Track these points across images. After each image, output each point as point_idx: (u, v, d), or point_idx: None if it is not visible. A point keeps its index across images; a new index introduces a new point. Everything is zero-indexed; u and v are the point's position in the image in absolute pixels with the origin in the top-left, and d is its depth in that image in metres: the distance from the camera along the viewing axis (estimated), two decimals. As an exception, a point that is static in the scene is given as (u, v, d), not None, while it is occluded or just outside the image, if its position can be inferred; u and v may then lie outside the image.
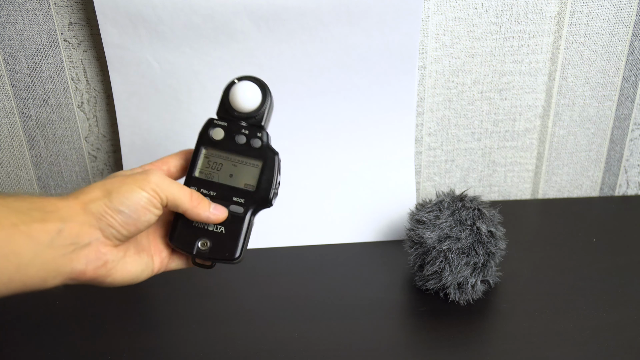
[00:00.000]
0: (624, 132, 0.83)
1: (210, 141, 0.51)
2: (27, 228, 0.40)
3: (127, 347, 0.61)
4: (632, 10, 0.74)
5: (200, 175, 0.50)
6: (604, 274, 0.70)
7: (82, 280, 0.44)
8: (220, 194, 0.50)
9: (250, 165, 0.51)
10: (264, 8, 0.67)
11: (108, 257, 0.45)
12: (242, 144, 0.51)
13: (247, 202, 0.50)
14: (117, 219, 0.44)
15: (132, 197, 0.45)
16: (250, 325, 0.63)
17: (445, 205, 0.65)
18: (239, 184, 0.50)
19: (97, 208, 0.44)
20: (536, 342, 0.60)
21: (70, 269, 0.43)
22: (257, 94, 0.51)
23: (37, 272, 0.41)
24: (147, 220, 0.46)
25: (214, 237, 0.50)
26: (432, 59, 0.76)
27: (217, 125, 0.51)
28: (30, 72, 0.74)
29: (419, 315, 0.65)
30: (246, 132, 0.51)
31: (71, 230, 0.42)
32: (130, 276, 0.47)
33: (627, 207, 0.84)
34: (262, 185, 0.50)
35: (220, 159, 0.51)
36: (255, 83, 0.51)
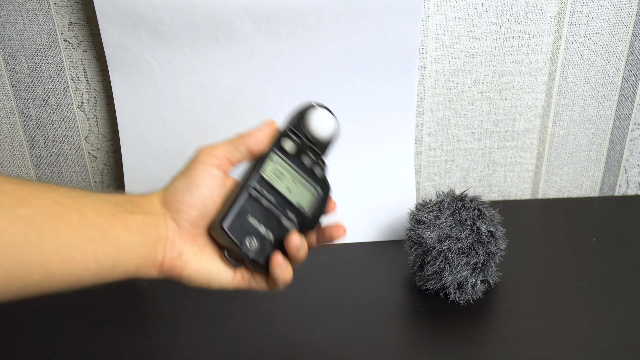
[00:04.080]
0: (624, 132, 0.83)
1: (282, 149, 0.51)
2: (123, 217, 0.45)
3: (127, 347, 0.61)
4: (632, 10, 0.74)
5: (265, 177, 0.50)
6: (604, 274, 0.70)
7: (164, 271, 0.47)
8: (278, 202, 0.50)
9: (309, 189, 0.52)
10: (264, 8, 0.67)
11: (182, 248, 0.47)
12: (307, 167, 0.52)
13: (297, 221, 0.50)
14: (183, 199, 0.47)
15: (189, 172, 0.48)
16: (250, 325, 0.63)
17: (445, 205, 0.65)
18: (294, 200, 0.51)
19: (167, 196, 0.48)
20: (536, 342, 0.60)
21: (154, 258, 0.46)
22: (333, 127, 0.53)
23: (133, 259, 0.45)
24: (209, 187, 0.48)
25: (261, 240, 0.49)
26: (432, 59, 0.76)
27: (291, 137, 0.52)
28: (30, 72, 0.74)
29: (419, 315, 0.65)
30: (312, 156, 0.52)
31: (152, 222, 0.46)
32: (205, 272, 0.49)
33: (627, 207, 0.84)
34: (315, 212, 0.51)
35: (285, 170, 0.51)
36: (334, 117, 0.53)
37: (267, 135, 0.51)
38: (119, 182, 0.82)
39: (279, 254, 0.49)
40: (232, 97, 0.74)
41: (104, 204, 0.45)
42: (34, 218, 0.40)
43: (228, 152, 0.50)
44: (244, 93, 0.73)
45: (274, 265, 0.48)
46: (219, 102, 0.74)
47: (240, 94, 0.73)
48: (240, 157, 0.50)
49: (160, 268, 0.47)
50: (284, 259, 0.49)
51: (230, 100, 0.74)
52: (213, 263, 0.49)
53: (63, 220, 0.41)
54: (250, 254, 0.48)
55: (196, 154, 0.49)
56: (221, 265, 0.50)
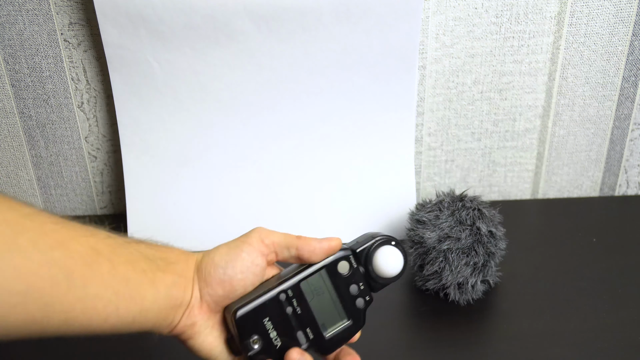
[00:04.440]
0: (624, 132, 0.83)
1: (332, 269, 0.48)
2: (153, 276, 0.43)
3: (127, 347, 0.61)
4: (632, 10, 0.74)
5: (302, 285, 0.47)
6: (604, 274, 0.70)
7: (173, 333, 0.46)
8: (302, 315, 0.47)
9: (341, 315, 0.49)
10: (264, 8, 0.67)
11: (198, 319, 0.46)
12: (351, 295, 0.49)
13: (314, 339, 0.48)
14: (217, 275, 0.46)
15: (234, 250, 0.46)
16: (250, 325, 0.63)
17: (445, 205, 0.65)
18: (320, 321, 0.48)
19: (202, 264, 0.46)
20: (536, 342, 0.60)
21: (172, 320, 0.45)
22: (399, 268, 0.49)
23: (152, 318, 0.44)
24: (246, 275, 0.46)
25: (267, 344, 0.47)
26: (432, 59, 0.76)
27: (350, 262, 0.48)
28: (30, 72, 0.74)
29: (419, 315, 0.65)
30: (361, 287, 0.49)
31: (181, 284, 0.45)
32: (209, 349, 0.47)
33: (627, 207, 0.84)
34: (335, 338, 0.49)
35: (327, 289, 0.48)
36: (405, 259, 0.50)
37: (324, 250, 0.48)
38: (119, 182, 0.82)
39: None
40: (232, 97, 0.73)
41: (137, 257, 0.44)
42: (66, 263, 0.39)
43: (279, 246, 0.48)
44: (244, 93, 0.73)
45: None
46: (219, 102, 0.74)
47: (240, 94, 0.73)
48: (288, 257, 0.48)
49: (172, 330, 0.46)
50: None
51: (230, 100, 0.74)
52: (219, 343, 0.48)
53: (94, 269, 0.40)
54: (249, 351, 0.46)
55: (249, 233, 0.47)
56: (225, 349, 0.48)
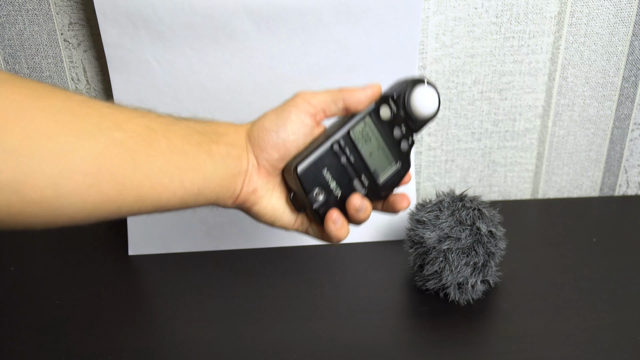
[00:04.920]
0: (624, 132, 0.83)
1: (376, 115, 0.51)
2: (208, 147, 0.46)
3: (127, 347, 0.61)
4: (632, 10, 0.74)
5: (353, 136, 0.50)
6: (604, 274, 0.70)
7: (238, 203, 0.49)
8: (356, 162, 0.50)
9: (390, 160, 0.51)
10: (264, 8, 0.67)
11: (258, 184, 0.49)
12: (395, 139, 0.51)
13: (369, 185, 0.50)
14: (269, 140, 0.48)
15: (282, 114, 0.48)
16: (250, 325, 0.63)
17: (445, 205, 0.65)
18: (372, 166, 0.51)
19: (254, 132, 0.48)
20: (536, 342, 0.60)
21: (234, 189, 0.47)
22: (435, 107, 0.52)
23: (215, 188, 0.46)
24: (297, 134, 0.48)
25: (328, 194, 0.49)
26: (432, 59, 0.76)
27: (389, 106, 0.51)
28: (30, 72, 0.74)
29: (419, 315, 0.65)
30: (404, 129, 0.51)
31: (235, 154, 0.47)
32: (272, 211, 0.50)
33: (627, 207, 0.84)
34: (388, 183, 0.51)
35: (373, 135, 0.50)
36: (439, 97, 0.52)
37: (368, 97, 0.50)
38: (119, 182, 0.82)
39: (336, 210, 0.49)
40: (232, 97, 0.73)
41: (190, 132, 0.46)
42: (128, 143, 0.41)
43: (325, 103, 0.49)
44: (244, 93, 0.73)
45: (327, 220, 0.49)
46: (219, 102, 0.74)
47: (240, 94, 0.73)
48: (335, 111, 0.50)
49: (235, 199, 0.48)
50: (339, 216, 0.49)
51: (230, 100, 0.74)
52: (281, 203, 0.50)
53: (153, 146, 0.43)
54: (314, 203, 0.49)
55: (293, 97, 0.49)
56: (287, 206, 0.51)
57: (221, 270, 0.73)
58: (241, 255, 0.75)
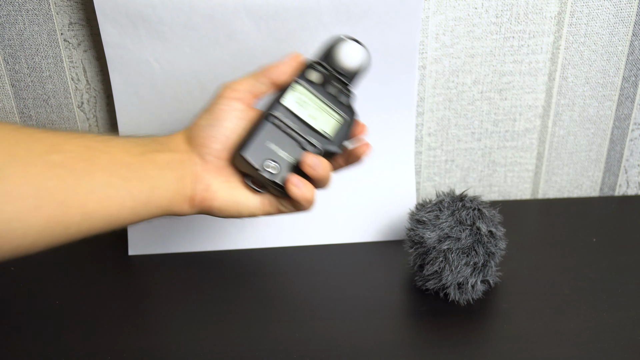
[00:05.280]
0: (624, 132, 0.83)
1: (305, 79, 0.52)
2: (151, 156, 0.47)
3: (127, 347, 0.61)
4: (632, 10, 0.74)
5: (287, 105, 0.51)
6: (604, 274, 0.70)
7: (196, 205, 0.49)
8: (300, 128, 0.51)
9: (333, 116, 0.53)
10: (264, 8, 0.67)
11: (209, 180, 0.49)
12: (333, 95, 0.53)
13: (320, 145, 0.52)
14: (206, 134, 0.49)
15: (212, 108, 0.50)
16: (250, 325, 0.63)
17: (445, 205, 0.65)
18: (318, 127, 0.52)
19: (191, 133, 0.50)
20: (536, 342, 0.60)
21: (184, 192, 0.48)
22: (361, 57, 0.54)
23: (165, 194, 0.47)
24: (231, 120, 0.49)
25: (281, 163, 0.50)
26: (432, 59, 0.76)
27: (316, 69, 0.53)
28: (30, 72, 0.74)
29: (419, 315, 0.65)
30: (338, 85, 0.53)
31: (179, 158, 0.48)
32: (234, 201, 0.50)
33: (627, 207, 0.84)
34: (337, 136, 0.52)
35: (308, 98, 0.52)
36: (363, 46, 0.54)
37: (290, 67, 0.51)
38: (119, 182, 0.82)
39: (294, 174, 0.50)
40: (232, 97, 0.73)
41: (131, 145, 0.47)
42: (67, 162, 0.42)
43: (250, 85, 0.51)
44: (244, 93, 0.73)
45: (288, 185, 0.49)
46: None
47: (240, 94, 0.73)
48: (263, 89, 0.51)
49: (191, 202, 0.49)
50: (299, 178, 0.50)
51: (230, 100, 0.74)
52: (241, 192, 0.51)
53: (94, 162, 0.43)
54: (269, 175, 0.49)
55: (219, 90, 0.50)
56: (249, 193, 0.51)
57: (221, 270, 0.72)
58: (241, 255, 0.75)
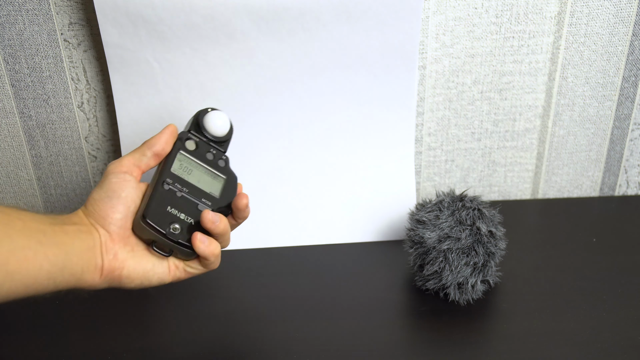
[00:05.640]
0: (624, 132, 0.83)
1: (185, 148, 0.57)
2: (60, 228, 0.48)
3: (127, 347, 0.61)
4: (632, 10, 0.74)
5: (175, 172, 0.55)
6: (604, 274, 0.70)
7: (105, 276, 0.51)
8: (191, 191, 0.55)
9: (216, 177, 0.57)
10: (264, 8, 0.67)
11: (116, 249, 0.51)
12: (211, 160, 0.58)
13: (213, 204, 0.56)
14: (105, 206, 0.51)
15: (103, 183, 0.53)
16: (250, 325, 0.63)
17: (445, 205, 0.65)
18: (206, 189, 0.56)
19: (89, 209, 0.52)
20: (536, 342, 0.60)
21: (95, 261, 0.50)
22: (227, 125, 0.60)
23: (78, 261, 0.48)
24: (126, 190, 0.52)
25: (183, 225, 0.53)
26: (432, 59, 0.76)
27: (192, 138, 0.58)
28: (30, 72, 0.74)
29: (419, 315, 0.65)
30: (214, 152, 0.59)
31: (85, 230, 0.50)
32: (141, 269, 0.52)
33: (627, 207, 0.84)
34: (224, 195, 0.57)
35: (192, 165, 0.57)
36: (226, 116, 0.60)
37: (168, 137, 0.56)
38: (119, 182, 0.82)
39: (198, 232, 0.53)
40: (232, 97, 0.73)
41: (39, 217, 0.48)
42: None
43: (135, 159, 0.54)
44: (244, 93, 0.73)
45: (195, 242, 0.52)
46: (218, 102, 0.74)
47: (240, 94, 0.73)
48: (147, 162, 0.55)
49: (101, 273, 0.50)
50: (204, 235, 0.53)
51: (230, 100, 0.74)
52: (147, 260, 0.53)
53: (11, 226, 0.45)
54: (175, 237, 0.52)
55: (107, 168, 0.53)
56: (155, 260, 0.53)
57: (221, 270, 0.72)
58: (241, 255, 0.75)
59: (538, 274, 0.70)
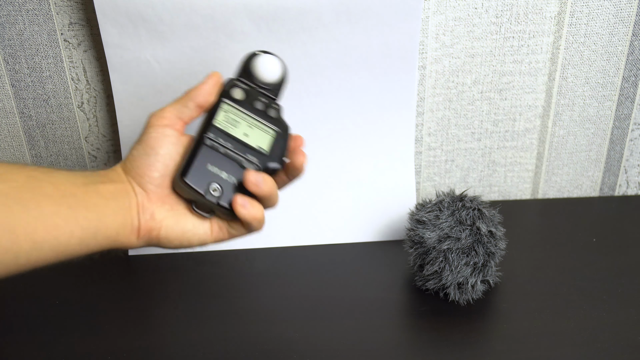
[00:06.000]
0: (624, 132, 0.83)
1: (231, 98, 0.52)
2: (95, 187, 0.46)
3: (127, 347, 0.61)
4: (632, 10, 0.74)
5: (219, 125, 0.51)
6: (604, 274, 0.70)
7: (142, 237, 0.49)
8: (235, 147, 0.51)
9: (265, 130, 0.52)
10: (264, 8, 0.67)
11: (153, 209, 0.49)
12: (260, 110, 0.53)
13: (259, 162, 0.51)
14: (142, 163, 0.49)
15: (143, 138, 0.49)
16: (250, 325, 0.63)
17: (445, 205, 0.65)
18: (254, 143, 0.52)
19: (127, 165, 0.49)
20: (536, 342, 0.60)
21: (131, 223, 0.48)
22: (280, 69, 0.54)
23: (112, 224, 0.46)
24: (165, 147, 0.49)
25: (225, 185, 0.50)
26: (432, 59, 0.76)
27: (239, 86, 0.53)
28: (30, 72, 0.74)
29: (419, 315, 0.65)
30: (264, 100, 0.53)
31: (122, 189, 0.48)
32: (181, 229, 0.50)
33: (627, 207, 0.84)
34: (274, 151, 0.52)
35: (238, 117, 0.52)
36: (279, 58, 0.54)
37: (213, 87, 0.52)
38: (119, 182, 0.82)
39: (240, 195, 0.50)
40: (232, 97, 0.73)
41: (74, 176, 0.46)
42: (12, 192, 0.42)
43: (177, 110, 0.50)
44: (244, 93, 0.73)
45: (235, 206, 0.49)
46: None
47: (240, 94, 0.73)
48: (190, 114, 0.51)
49: (138, 233, 0.48)
50: (245, 198, 0.49)
51: (230, 100, 0.74)
52: (187, 219, 0.50)
53: (40, 191, 0.43)
54: (215, 199, 0.49)
55: (147, 120, 0.50)
56: (196, 220, 0.50)
57: (221, 270, 0.73)
58: (241, 255, 0.75)
59: (538, 274, 0.70)
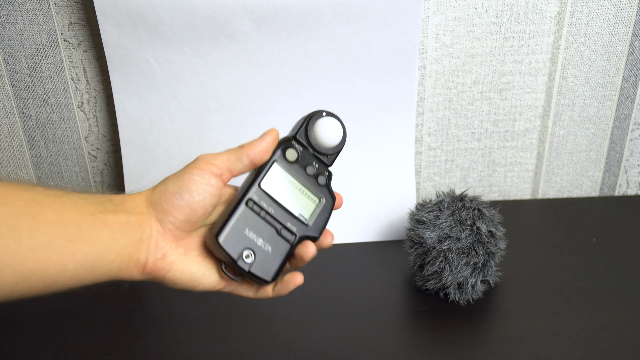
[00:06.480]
0: (624, 132, 0.83)
1: (284, 158, 0.50)
2: (104, 217, 0.43)
3: (127, 347, 0.61)
4: (632, 10, 0.74)
5: (264, 188, 0.49)
6: (604, 274, 0.70)
7: (147, 273, 0.46)
8: (276, 212, 0.49)
9: (311, 198, 0.50)
10: (264, 8, 0.67)
11: (167, 249, 0.46)
12: (310, 175, 0.51)
13: (298, 230, 0.49)
14: (173, 201, 0.46)
15: (184, 176, 0.46)
16: (250, 325, 0.63)
17: (445, 205, 0.65)
18: (295, 211, 0.50)
19: (155, 196, 0.46)
20: (536, 342, 0.60)
21: (137, 258, 0.45)
22: (341, 135, 0.51)
23: (114, 259, 0.44)
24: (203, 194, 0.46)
25: (259, 252, 0.48)
26: (432, 59, 0.76)
27: (294, 147, 0.50)
28: (30, 72, 0.74)
29: (419, 315, 0.65)
30: (316, 165, 0.51)
31: (136, 221, 0.45)
32: (189, 275, 0.48)
33: (627, 207, 0.84)
34: (316, 222, 0.50)
35: (286, 179, 0.50)
36: (342, 124, 0.52)
37: (269, 145, 0.49)
38: (119, 182, 0.82)
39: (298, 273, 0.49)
40: (232, 97, 0.74)
41: (83, 203, 0.43)
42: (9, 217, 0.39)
43: (230, 162, 0.48)
44: (244, 93, 0.73)
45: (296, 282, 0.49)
46: (219, 102, 0.74)
47: (240, 94, 0.73)
48: (242, 169, 0.49)
49: (143, 269, 0.46)
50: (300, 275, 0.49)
51: (230, 100, 0.74)
52: (198, 266, 0.48)
53: (39, 218, 0.40)
54: (247, 266, 0.47)
55: (195, 161, 0.48)
56: (205, 268, 0.48)
57: (221, 270, 0.72)
58: (241, 255, 0.75)
59: (538, 274, 0.70)
